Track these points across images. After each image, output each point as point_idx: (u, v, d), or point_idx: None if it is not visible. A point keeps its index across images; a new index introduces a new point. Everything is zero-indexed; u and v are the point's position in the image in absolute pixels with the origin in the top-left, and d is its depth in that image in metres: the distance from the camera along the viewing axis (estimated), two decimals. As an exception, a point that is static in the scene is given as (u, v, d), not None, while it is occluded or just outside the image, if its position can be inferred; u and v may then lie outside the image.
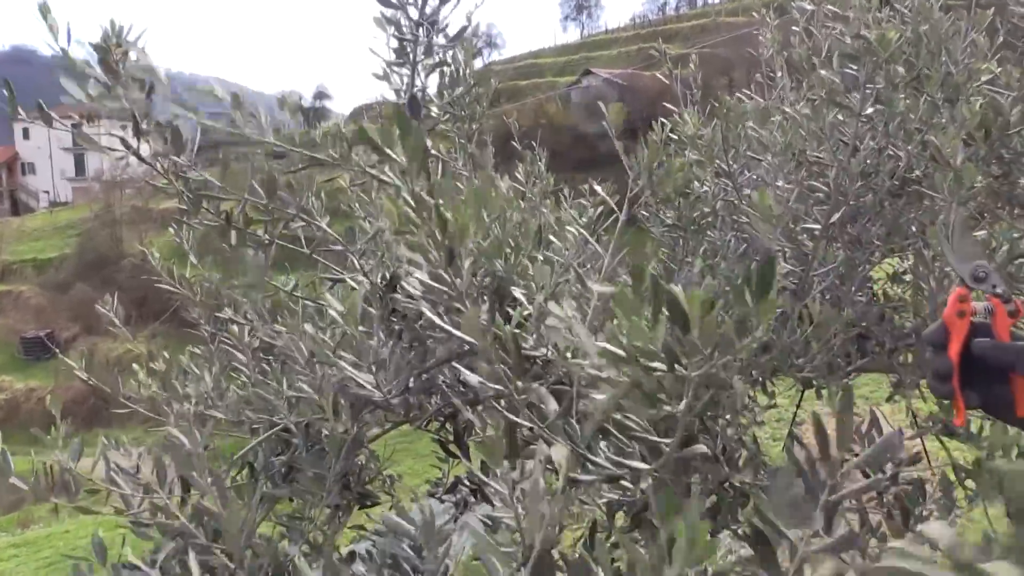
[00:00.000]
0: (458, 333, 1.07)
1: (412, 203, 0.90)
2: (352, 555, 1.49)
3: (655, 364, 0.74)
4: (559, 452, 0.92)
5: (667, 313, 0.70)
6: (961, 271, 0.98)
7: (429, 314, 1.16)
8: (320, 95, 59.40)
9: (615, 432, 0.96)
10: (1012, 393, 0.92)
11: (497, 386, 1.02)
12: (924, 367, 1.71)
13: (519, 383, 1.04)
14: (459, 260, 0.96)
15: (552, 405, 1.19)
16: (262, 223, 1.37)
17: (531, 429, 1.02)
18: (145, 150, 1.37)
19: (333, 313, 1.30)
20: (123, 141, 1.35)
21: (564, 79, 44.11)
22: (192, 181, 1.37)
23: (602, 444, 1.03)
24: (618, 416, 0.91)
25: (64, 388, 25.26)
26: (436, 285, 1.04)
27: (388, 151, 0.91)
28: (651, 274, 0.73)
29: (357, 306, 1.30)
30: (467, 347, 1.30)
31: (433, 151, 1.56)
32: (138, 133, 1.14)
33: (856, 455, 1.50)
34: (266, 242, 1.36)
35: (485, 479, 1.62)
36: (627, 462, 0.93)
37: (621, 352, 0.77)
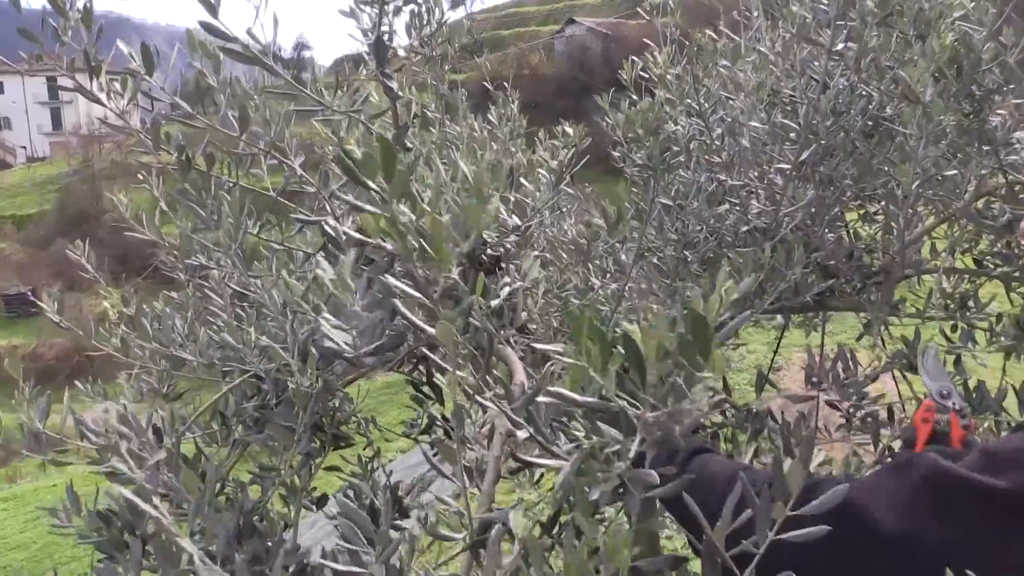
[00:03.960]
0: (431, 331, 1.07)
1: (392, 229, 0.89)
2: (324, 497, 1.51)
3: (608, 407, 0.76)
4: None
5: (622, 351, 0.71)
6: (931, 388, 1.22)
7: (404, 310, 1.15)
8: (300, 46, 58.36)
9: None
10: None
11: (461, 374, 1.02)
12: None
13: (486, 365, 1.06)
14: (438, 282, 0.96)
15: (519, 376, 1.20)
16: (226, 164, 1.35)
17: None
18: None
19: (321, 274, 1.29)
20: (77, 85, 1.32)
21: (547, 28, 43.45)
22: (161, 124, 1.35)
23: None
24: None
25: (47, 345, 25.16)
26: (412, 293, 1.04)
27: (369, 183, 0.89)
28: (593, 322, 0.73)
29: (346, 273, 1.29)
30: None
31: (401, 93, 1.54)
32: (91, 73, 1.12)
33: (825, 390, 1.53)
34: (231, 185, 1.35)
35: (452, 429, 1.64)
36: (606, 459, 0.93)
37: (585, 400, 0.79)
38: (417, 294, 0.95)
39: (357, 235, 1.32)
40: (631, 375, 0.71)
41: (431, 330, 0.98)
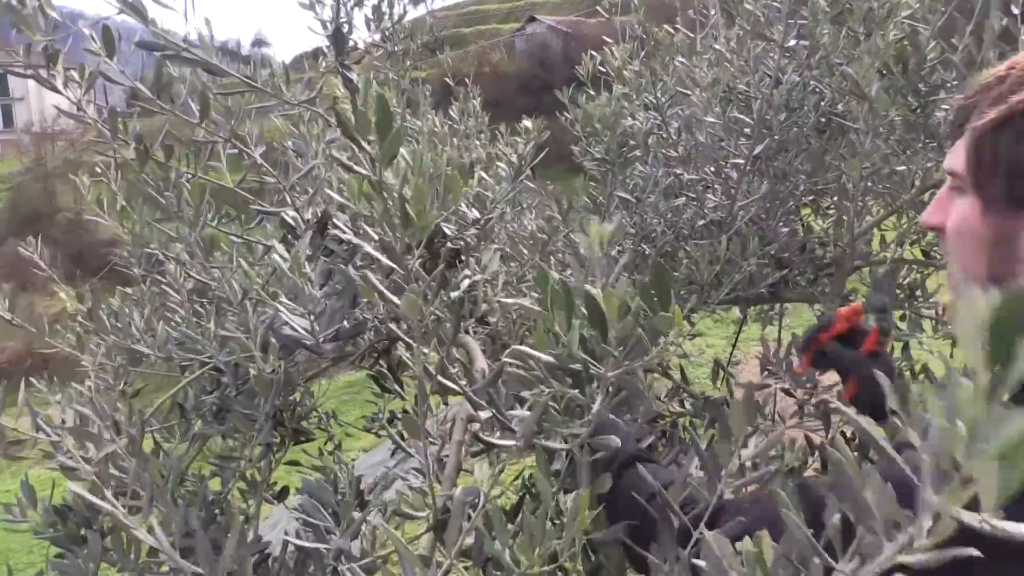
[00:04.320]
0: (396, 300, 1.07)
1: (375, 189, 0.90)
2: (285, 491, 1.51)
3: (573, 367, 0.78)
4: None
5: (585, 313, 0.73)
6: (872, 298, 1.26)
7: (373, 280, 1.16)
8: (259, 42, 57.64)
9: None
10: (844, 385, 1.22)
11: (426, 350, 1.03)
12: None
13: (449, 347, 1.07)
14: (414, 249, 0.97)
15: (480, 363, 1.21)
16: (184, 156, 1.34)
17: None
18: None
19: (277, 259, 1.29)
20: (36, 74, 1.31)
21: (508, 26, 43.49)
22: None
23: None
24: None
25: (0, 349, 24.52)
26: (386, 261, 1.05)
27: (362, 141, 0.89)
28: (563, 282, 0.76)
29: (302, 256, 1.29)
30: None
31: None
32: (49, 61, 1.11)
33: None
34: (190, 176, 1.34)
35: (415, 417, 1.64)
36: (545, 444, 0.95)
37: (548, 358, 0.81)
38: (390, 262, 0.96)
39: (318, 223, 1.33)
40: (593, 334, 0.73)
41: (396, 300, 0.99)
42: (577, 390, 0.82)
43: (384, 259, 1.00)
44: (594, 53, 1.69)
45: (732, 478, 0.78)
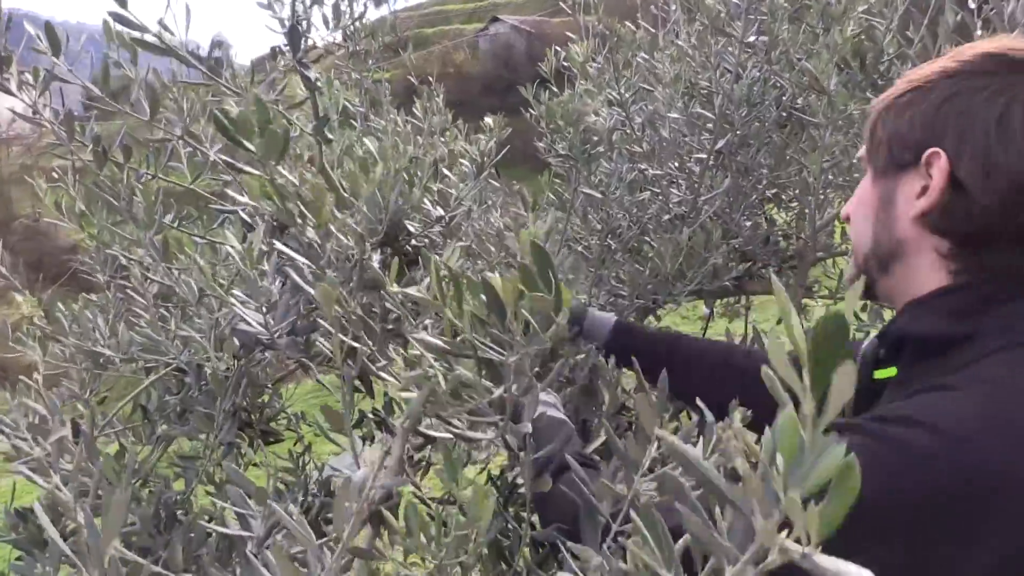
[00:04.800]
0: (313, 292, 1.08)
1: (273, 191, 0.90)
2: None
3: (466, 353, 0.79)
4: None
5: (484, 299, 0.74)
6: None
7: (290, 272, 1.16)
8: (218, 43, 56.98)
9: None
10: None
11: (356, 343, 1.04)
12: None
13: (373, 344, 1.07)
14: (318, 237, 0.97)
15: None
16: (144, 157, 1.32)
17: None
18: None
19: (230, 250, 1.28)
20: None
21: (471, 26, 43.43)
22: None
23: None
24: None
25: (-43, 358, 23.95)
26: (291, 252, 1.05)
27: (245, 143, 0.89)
28: (451, 269, 0.77)
29: (256, 246, 1.28)
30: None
31: (320, 85, 1.53)
32: (1, 63, 1.09)
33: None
34: (149, 177, 1.32)
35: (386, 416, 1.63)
36: (468, 434, 0.96)
37: (441, 344, 0.81)
38: (303, 259, 0.96)
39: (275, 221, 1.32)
40: (490, 319, 0.74)
41: (311, 291, 0.99)
42: (481, 374, 0.84)
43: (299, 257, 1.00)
44: (558, 49, 1.70)
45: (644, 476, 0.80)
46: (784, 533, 0.36)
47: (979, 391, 0.71)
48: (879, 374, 0.86)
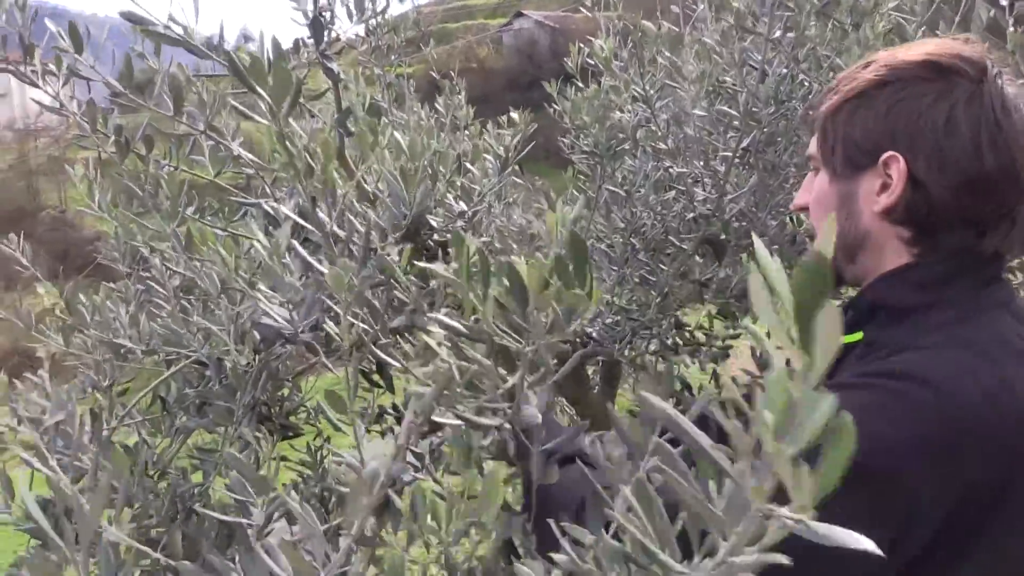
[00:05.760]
0: (324, 271, 1.06)
1: (280, 143, 0.89)
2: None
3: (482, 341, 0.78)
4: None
5: (507, 284, 0.73)
6: None
7: (302, 251, 1.15)
8: (245, 38, 57.45)
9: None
10: None
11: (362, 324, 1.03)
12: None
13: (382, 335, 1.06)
14: (324, 206, 0.96)
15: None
16: (166, 149, 1.33)
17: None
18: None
19: (256, 244, 1.28)
20: (13, 68, 1.29)
21: (495, 21, 43.38)
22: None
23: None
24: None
25: (-15, 346, 24.32)
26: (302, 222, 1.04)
27: (256, 87, 0.88)
28: (482, 251, 0.75)
29: (283, 243, 1.27)
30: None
31: (343, 77, 1.53)
32: (26, 54, 1.09)
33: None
34: (172, 169, 1.33)
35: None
36: (476, 419, 0.94)
37: (459, 326, 0.80)
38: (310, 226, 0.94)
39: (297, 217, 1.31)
40: (513, 306, 0.72)
41: (325, 270, 0.98)
42: (493, 364, 0.82)
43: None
44: (582, 45, 1.68)
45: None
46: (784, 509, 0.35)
47: (953, 351, 0.85)
48: (845, 339, 0.91)
